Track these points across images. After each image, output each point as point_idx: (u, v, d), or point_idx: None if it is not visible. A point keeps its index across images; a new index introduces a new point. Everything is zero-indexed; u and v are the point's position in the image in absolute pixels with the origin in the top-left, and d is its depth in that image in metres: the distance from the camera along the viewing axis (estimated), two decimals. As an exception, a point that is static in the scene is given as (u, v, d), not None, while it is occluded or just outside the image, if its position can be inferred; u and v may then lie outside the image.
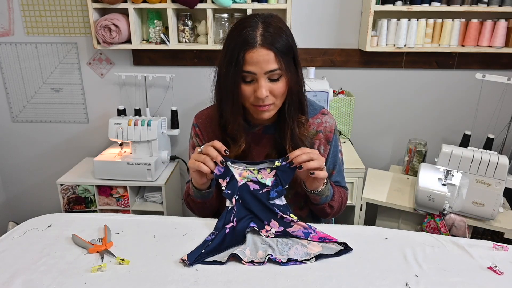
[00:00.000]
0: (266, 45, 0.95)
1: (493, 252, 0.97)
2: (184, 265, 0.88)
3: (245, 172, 1.03)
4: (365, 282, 0.84)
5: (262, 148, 1.14)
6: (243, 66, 0.96)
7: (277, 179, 1.02)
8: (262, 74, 0.96)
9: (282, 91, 1.00)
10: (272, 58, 0.95)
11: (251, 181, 1.03)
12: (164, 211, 2.08)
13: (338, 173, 1.21)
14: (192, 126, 1.21)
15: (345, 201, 1.23)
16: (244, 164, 1.04)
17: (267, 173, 1.03)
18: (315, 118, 1.16)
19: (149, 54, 2.19)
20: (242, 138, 1.08)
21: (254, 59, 0.95)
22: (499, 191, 1.59)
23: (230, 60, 0.97)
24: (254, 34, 0.95)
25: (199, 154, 1.01)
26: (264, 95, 0.97)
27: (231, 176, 1.03)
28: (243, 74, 0.97)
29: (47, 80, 2.28)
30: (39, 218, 1.08)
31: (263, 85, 0.97)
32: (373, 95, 2.25)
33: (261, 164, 1.04)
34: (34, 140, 2.41)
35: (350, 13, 2.11)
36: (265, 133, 1.14)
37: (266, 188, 1.03)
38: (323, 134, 1.16)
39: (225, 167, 1.02)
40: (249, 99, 1.01)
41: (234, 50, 0.96)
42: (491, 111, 2.12)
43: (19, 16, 2.15)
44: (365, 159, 2.16)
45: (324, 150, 1.16)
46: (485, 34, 1.97)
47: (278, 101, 1.02)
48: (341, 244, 0.95)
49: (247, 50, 0.95)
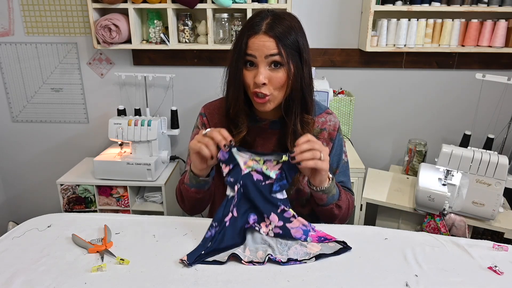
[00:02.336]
0: (269, 32, 0.98)
1: (493, 252, 0.97)
2: (184, 265, 0.88)
3: (250, 161, 1.02)
4: (365, 282, 0.84)
5: (267, 142, 1.14)
6: (245, 50, 0.99)
7: (282, 172, 1.00)
8: (262, 58, 0.98)
9: (281, 82, 1.00)
10: (273, 45, 0.98)
11: (255, 171, 1.02)
12: (164, 211, 2.08)
13: (342, 173, 1.20)
14: (199, 115, 1.21)
15: (352, 204, 1.20)
16: (250, 153, 1.02)
17: (273, 165, 1.01)
18: (320, 116, 1.17)
19: (149, 54, 2.19)
20: (244, 124, 1.09)
21: (256, 45, 0.98)
22: (499, 191, 1.59)
23: (235, 46, 1.03)
24: (261, 23, 1.00)
25: (202, 137, 0.99)
26: (261, 80, 0.98)
27: (235, 164, 1.01)
28: (245, 59, 1.00)
29: (47, 80, 2.28)
30: (39, 218, 1.08)
31: (262, 71, 0.99)
32: (373, 95, 2.25)
33: (268, 156, 1.02)
34: (34, 140, 2.41)
35: (350, 13, 2.11)
36: (271, 128, 1.14)
37: (269, 180, 1.01)
38: (327, 132, 1.16)
39: (229, 153, 1.00)
40: (250, 85, 1.02)
41: (240, 36, 1.02)
42: (491, 111, 2.12)
43: (19, 16, 2.15)
44: (365, 159, 2.16)
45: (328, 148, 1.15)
46: (485, 34, 1.97)
47: (277, 92, 1.02)
48: (340, 243, 0.95)
49: (251, 36, 0.99)
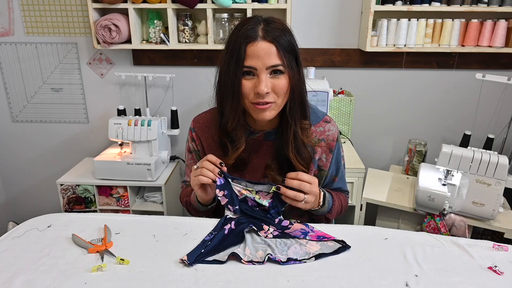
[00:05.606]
0: (268, 38, 0.93)
1: (493, 252, 0.97)
2: (184, 265, 0.88)
3: (244, 190, 1.04)
4: (365, 282, 0.84)
5: (262, 156, 1.12)
6: (244, 60, 0.93)
7: (274, 201, 1.03)
8: (263, 69, 0.94)
9: (284, 89, 0.97)
10: (274, 52, 0.93)
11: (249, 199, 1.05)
12: (164, 211, 2.08)
13: (340, 179, 1.20)
14: (189, 129, 1.19)
15: (345, 207, 1.22)
16: (243, 183, 1.04)
17: (264, 195, 1.03)
18: (318, 126, 1.14)
19: (149, 54, 2.19)
20: (242, 139, 1.06)
21: (255, 53, 0.93)
22: (499, 191, 1.59)
23: (231, 55, 0.95)
24: (256, 29, 0.94)
25: (196, 170, 1.02)
26: (264, 91, 0.94)
27: (231, 191, 1.03)
28: (244, 69, 0.94)
29: (47, 80, 2.28)
30: (39, 218, 1.08)
31: (263, 80, 0.94)
32: (373, 95, 2.25)
33: (260, 186, 1.03)
34: (34, 140, 2.41)
35: (350, 13, 2.11)
36: (265, 139, 1.11)
37: (263, 207, 1.04)
38: (326, 142, 1.14)
39: (225, 179, 1.02)
40: (248, 96, 0.97)
41: (235, 45, 0.95)
42: (491, 111, 2.12)
43: (19, 16, 2.15)
44: (365, 159, 2.16)
45: (327, 159, 1.15)
46: (485, 34, 1.97)
47: (280, 100, 0.99)
48: (339, 242, 0.95)
49: (248, 43, 0.93)
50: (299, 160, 1.07)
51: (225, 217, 1.04)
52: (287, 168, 1.07)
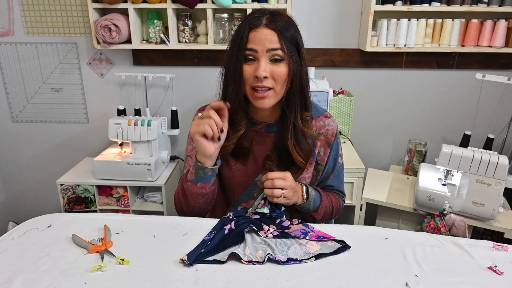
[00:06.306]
0: (270, 25, 0.98)
1: (493, 252, 0.97)
2: (184, 265, 0.88)
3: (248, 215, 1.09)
4: (365, 282, 0.84)
5: (264, 147, 1.14)
6: (246, 44, 0.98)
7: (271, 205, 1.07)
8: (263, 52, 0.97)
9: (283, 76, 1.00)
10: (275, 39, 0.97)
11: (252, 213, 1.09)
12: (164, 211, 2.08)
13: (335, 177, 1.20)
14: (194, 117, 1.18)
15: (336, 208, 1.21)
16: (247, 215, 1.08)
17: (262, 204, 1.08)
18: (318, 120, 1.16)
19: (149, 54, 2.19)
20: (243, 123, 1.08)
21: (257, 38, 0.97)
22: (499, 191, 1.59)
23: (235, 41, 1.00)
24: (261, 18, 0.99)
25: (201, 119, 0.99)
26: (262, 74, 0.97)
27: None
28: (245, 53, 0.98)
29: (47, 80, 2.28)
30: (39, 218, 1.08)
31: (263, 64, 0.98)
32: (373, 95, 2.25)
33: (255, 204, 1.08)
34: (34, 140, 2.41)
35: (350, 13, 2.11)
36: (267, 131, 1.13)
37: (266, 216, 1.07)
38: (325, 136, 1.15)
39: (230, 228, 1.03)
40: (249, 80, 1.00)
41: (240, 32, 1.00)
42: (491, 111, 2.12)
43: (19, 16, 2.15)
44: (365, 159, 2.16)
45: (325, 153, 1.16)
46: (485, 34, 1.97)
47: (278, 87, 1.01)
48: (339, 242, 0.95)
49: (251, 30, 0.98)
50: (298, 151, 1.08)
51: (225, 217, 1.04)
52: (285, 159, 1.09)
